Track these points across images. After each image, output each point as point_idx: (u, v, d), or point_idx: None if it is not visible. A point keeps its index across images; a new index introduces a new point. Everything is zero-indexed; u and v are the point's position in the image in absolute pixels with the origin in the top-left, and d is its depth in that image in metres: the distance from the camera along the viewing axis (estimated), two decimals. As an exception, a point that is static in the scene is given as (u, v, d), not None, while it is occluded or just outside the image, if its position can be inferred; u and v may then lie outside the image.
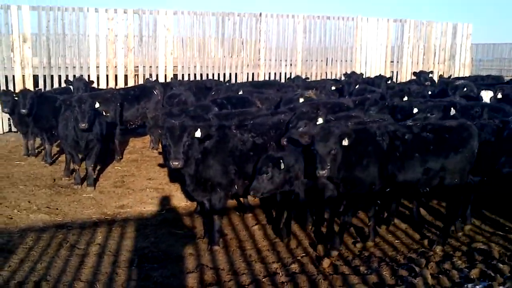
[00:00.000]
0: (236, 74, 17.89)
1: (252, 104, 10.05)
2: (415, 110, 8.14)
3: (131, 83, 16.39)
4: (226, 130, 6.62)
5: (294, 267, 5.80)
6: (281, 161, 6.01)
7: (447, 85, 12.32)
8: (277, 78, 18.28)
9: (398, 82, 18.57)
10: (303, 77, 18.34)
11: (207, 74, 17.49)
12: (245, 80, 17.80)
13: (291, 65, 18.68)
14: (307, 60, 18.91)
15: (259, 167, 6.02)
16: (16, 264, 5.79)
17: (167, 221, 7.64)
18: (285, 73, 18.57)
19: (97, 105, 8.98)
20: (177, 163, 5.85)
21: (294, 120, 7.02)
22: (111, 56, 16.30)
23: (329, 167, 5.68)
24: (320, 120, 7.03)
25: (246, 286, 5.35)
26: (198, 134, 6.04)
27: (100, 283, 5.38)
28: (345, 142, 5.79)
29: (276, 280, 5.43)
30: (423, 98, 10.70)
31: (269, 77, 18.25)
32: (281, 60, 18.53)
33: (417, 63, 20.57)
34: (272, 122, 7.19)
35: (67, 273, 5.60)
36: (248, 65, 18.11)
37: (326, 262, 5.85)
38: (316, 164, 5.72)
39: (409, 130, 6.28)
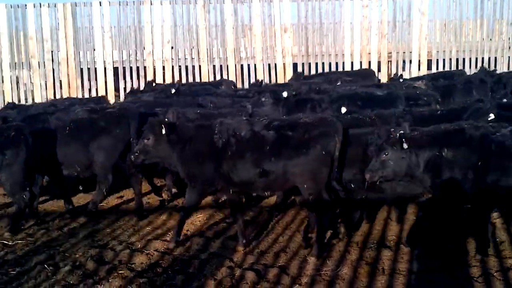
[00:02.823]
0: (495, 58, 16.41)
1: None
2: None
3: (383, 69, 16.12)
4: None
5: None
6: None
7: None
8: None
9: None
10: None
11: (464, 59, 16.35)
12: (506, 65, 16.27)
13: None
14: None
15: None
16: (262, 235, 6.16)
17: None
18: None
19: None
20: None
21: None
22: (364, 43, 16.22)
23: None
24: None
25: (475, 278, 4.95)
26: None
27: (332, 259, 5.44)
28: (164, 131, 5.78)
29: (509, 276, 4.95)
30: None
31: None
32: (552, 41, 16.53)
33: None
34: None
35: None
36: (510, 47, 16.51)
37: None
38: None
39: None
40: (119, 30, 16.03)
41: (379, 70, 16.01)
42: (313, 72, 16.02)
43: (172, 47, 16.03)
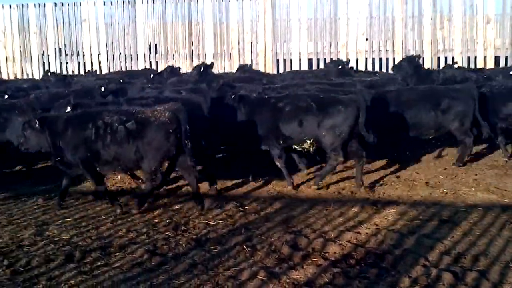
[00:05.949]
0: None
1: None
2: None
3: None
4: None
5: None
6: None
7: None
8: None
9: None
10: None
11: None
12: None
13: None
14: None
15: None
16: (458, 236, 5.79)
17: None
18: None
19: None
20: None
21: None
22: None
23: None
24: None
25: None
26: None
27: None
28: None
29: None
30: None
31: None
32: None
33: None
34: None
35: (506, 253, 5.28)
36: None
37: None
38: None
39: None
40: (315, 22, 16.41)
41: None
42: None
43: (366, 39, 16.04)
